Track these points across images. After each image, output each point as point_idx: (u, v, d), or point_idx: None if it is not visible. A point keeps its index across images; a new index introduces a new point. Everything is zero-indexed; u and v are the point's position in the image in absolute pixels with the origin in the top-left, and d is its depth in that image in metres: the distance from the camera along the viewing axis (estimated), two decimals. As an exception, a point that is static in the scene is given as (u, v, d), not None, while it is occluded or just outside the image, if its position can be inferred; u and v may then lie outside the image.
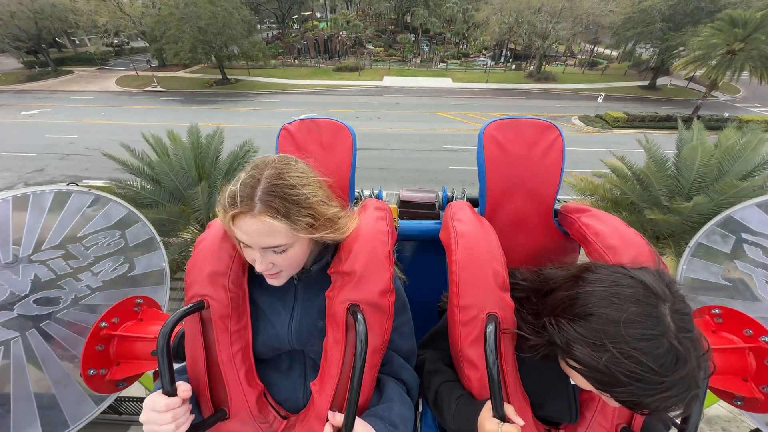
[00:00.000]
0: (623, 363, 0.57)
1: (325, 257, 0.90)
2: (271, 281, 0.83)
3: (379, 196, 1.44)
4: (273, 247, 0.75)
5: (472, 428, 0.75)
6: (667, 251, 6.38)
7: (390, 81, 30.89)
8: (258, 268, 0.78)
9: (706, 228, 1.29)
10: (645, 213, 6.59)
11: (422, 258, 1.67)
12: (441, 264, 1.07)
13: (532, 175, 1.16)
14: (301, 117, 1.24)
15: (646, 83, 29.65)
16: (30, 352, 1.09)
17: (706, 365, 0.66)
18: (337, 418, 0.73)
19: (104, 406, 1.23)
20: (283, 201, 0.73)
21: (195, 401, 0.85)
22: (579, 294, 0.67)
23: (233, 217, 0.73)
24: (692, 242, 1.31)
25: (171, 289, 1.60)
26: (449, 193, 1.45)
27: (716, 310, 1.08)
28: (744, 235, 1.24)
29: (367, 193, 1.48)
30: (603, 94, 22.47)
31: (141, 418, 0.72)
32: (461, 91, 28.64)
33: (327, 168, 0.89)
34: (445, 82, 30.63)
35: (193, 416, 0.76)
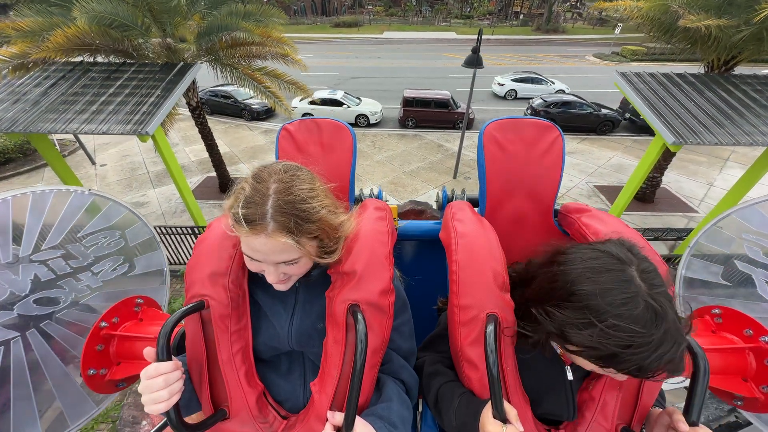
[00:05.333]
0: (612, 335, 0.60)
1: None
2: (279, 287, 0.83)
3: (379, 196, 1.44)
4: (286, 261, 0.75)
5: (475, 423, 0.75)
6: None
7: (391, 34, 30.08)
8: (270, 280, 0.77)
9: (706, 227, 1.29)
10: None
11: (422, 258, 1.67)
12: (441, 264, 1.07)
13: (532, 175, 1.16)
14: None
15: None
16: (30, 352, 1.09)
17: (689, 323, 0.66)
18: (337, 418, 0.72)
19: (104, 406, 1.23)
20: (295, 218, 0.71)
21: (190, 389, 0.85)
22: (555, 277, 0.71)
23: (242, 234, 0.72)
24: (692, 242, 1.31)
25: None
26: (449, 193, 1.45)
27: (716, 310, 1.08)
28: (744, 235, 1.24)
29: (367, 192, 1.48)
30: (621, 24, 20.77)
31: (138, 388, 0.72)
32: (466, 41, 28.05)
33: (327, 168, 0.89)
34: (449, 35, 29.91)
35: (183, 387, 0.75)
